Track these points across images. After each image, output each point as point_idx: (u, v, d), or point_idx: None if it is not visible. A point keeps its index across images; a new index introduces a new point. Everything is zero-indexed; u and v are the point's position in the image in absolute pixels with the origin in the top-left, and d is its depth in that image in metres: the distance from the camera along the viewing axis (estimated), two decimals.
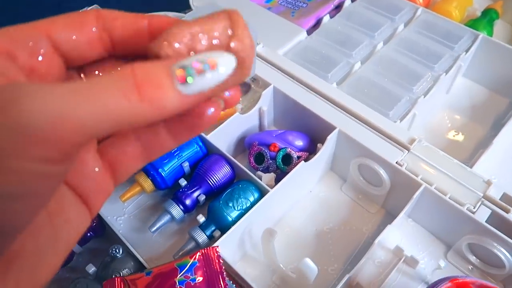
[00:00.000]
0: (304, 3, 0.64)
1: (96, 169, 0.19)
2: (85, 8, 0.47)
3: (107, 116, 0.14)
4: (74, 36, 0.18)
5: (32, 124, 0.13)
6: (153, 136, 0.20)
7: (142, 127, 0.19)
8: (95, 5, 0.48)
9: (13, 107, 0.13)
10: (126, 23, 0.19)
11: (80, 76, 0.20)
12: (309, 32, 0.58)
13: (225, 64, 0.17)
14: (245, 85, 0.21)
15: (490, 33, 0.60)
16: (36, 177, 0.14)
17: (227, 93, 0.19)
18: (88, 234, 0.42)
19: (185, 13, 0.71)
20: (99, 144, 0.19)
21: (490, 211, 0.40)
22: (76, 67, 0.20)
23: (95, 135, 0.15)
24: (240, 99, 0.52)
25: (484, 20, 0.61)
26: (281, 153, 0.46)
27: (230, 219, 0.41)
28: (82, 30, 0.18)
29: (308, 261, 0.37)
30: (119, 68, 0.17)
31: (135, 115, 0.15)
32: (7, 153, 0.13)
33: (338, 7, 0.63)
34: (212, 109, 0.18)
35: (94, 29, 0.18)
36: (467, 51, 0.54)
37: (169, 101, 0.15)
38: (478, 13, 0.63)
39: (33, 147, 0.13)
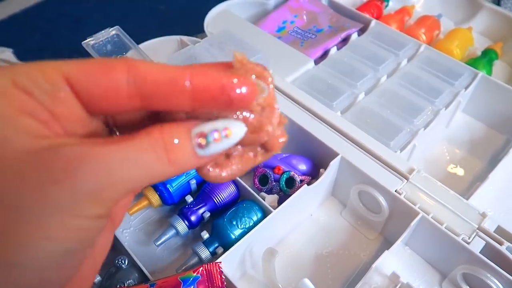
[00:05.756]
0: (313, 34, 0.67)
1: None
2: (107, 29, 0.50)
3: (144, 175, 0.16)
4: (95, 86, 0.17)
5: (87, 187, 0.15)
6: None
7: None
8: (116, 26, 0.50)
9: (74, 171, 0.15)
10: (162, 80, 0.17)
11: (103, 122, 0.20)
12: (317, 62, 0.61)
13: (238, 132, 0.18)
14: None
15: (489, 72, 0.63)
16: (88, 233, 0.16)
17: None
18: None
19: (197, 36, 0.75)
20: None
21: (484, 242, 0.41)
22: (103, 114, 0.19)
23: (133, 191, 0.17)
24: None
25: (484, 59, 0.64)
26: (284, 176, 0.48)
27: (233, 236, 0.43)
28: (105, 81, 0.17)
29: (307, 281, 0.38)
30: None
31: (163, 173, 0.17)
32: (67, 214, 0.15)
33: (345, 40, 0.66)
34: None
35: (122, 82, 0.17)
36: (466, 88, 0.57)
37: (189, 162, 0.18)
38: (479, 53, 0.66)
39: (87, 207, 0.15)
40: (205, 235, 0.44)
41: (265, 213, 0.45)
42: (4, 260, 0.14)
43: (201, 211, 0.46)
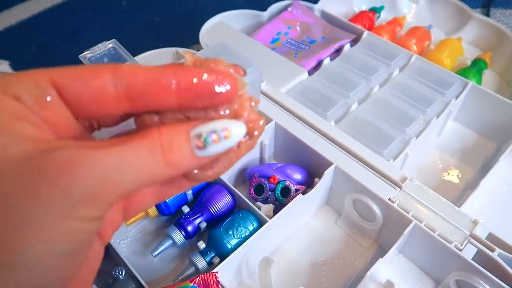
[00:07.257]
0: (306, 45, 0.68)
1: None
2: (104, 42, 0.51)
3: (140, 178, 0.17)
4: (82, 89, 0.17)
5: (82, 190, 0.15)
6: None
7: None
8: (113, 39, 0.51)
9: (67, 174, 0.15)
10: (147, 79, 0.17)
11: (90, 125, 0.20)
12: (310, 72, 0.62)
13: (238, 133, 0.18)
14: None
15: (479, 82, 0.64)
16: (83, 235, 0.16)
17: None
18: None
19: (192, 48, 0.76)
20: None
21: (476, 249, 0.42)
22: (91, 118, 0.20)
23: (128, 193, 0.17)
24: None
25: (474, 69, 0.65)
26: (280, 186, 0.49)
27: (230, 246, 0.43)
28: (92, 84, 0.17)
29: None
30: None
31: (160, 175, 0.17)
32: (61, 216, 0.15)
33: (338, 51, 0.67)
34: None
35: (108, 84, 0.17)
36: (457, 97, 0.58)
37: (187, 164, 0.18)
38: (468, 63, 0.68)
39: (83, 209, 0.15)
40: (202, 245, 0.44)
41: (260, 223, 0.45)
42: (2, 261, 0.15)
43: (197, 221, 0.46)
